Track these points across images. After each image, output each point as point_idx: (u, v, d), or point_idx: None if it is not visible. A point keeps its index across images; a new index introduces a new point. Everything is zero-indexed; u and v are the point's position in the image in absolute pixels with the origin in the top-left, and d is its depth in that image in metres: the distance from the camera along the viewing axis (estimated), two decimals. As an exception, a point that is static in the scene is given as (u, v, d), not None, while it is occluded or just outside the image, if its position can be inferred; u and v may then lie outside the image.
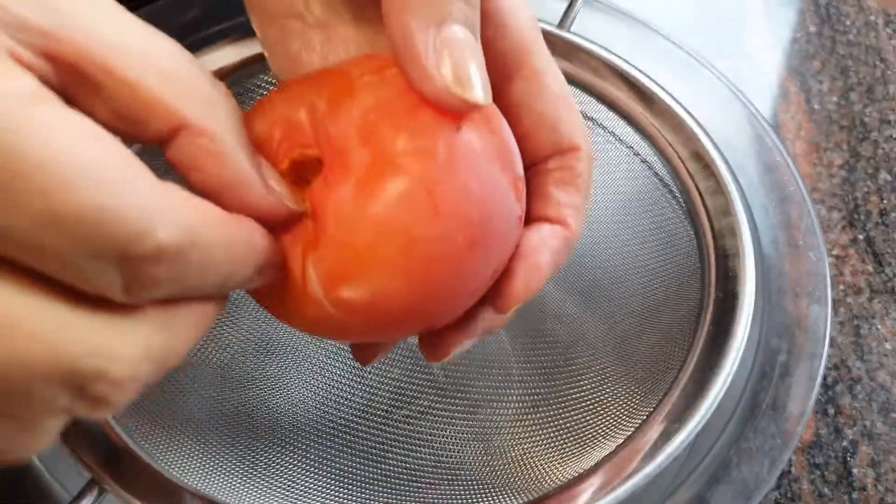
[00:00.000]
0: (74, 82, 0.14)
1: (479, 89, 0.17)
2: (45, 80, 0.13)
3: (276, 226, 0.17)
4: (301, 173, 0.18)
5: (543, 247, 0.20)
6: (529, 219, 0.20)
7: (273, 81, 0.33)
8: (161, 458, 0.26)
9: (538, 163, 0.20)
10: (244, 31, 0.32)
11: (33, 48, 0.13)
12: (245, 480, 0.28)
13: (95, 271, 0.12)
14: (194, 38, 0.31)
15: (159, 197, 0.13)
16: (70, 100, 0.14)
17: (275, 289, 0.18)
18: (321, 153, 0.18)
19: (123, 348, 0.13)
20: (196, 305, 0.15)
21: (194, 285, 0.14)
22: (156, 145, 0.15)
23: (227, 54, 0.32)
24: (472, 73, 0.17)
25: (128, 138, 0.15)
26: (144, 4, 0.35)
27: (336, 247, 0.17)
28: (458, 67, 0.16)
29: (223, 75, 0.31)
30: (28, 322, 0.12)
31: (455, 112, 0.17)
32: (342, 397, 0.33)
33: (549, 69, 0.20)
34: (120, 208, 0.12)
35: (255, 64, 0.32)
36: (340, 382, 0.34)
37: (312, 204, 0.17)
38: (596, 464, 0.25)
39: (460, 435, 0.32)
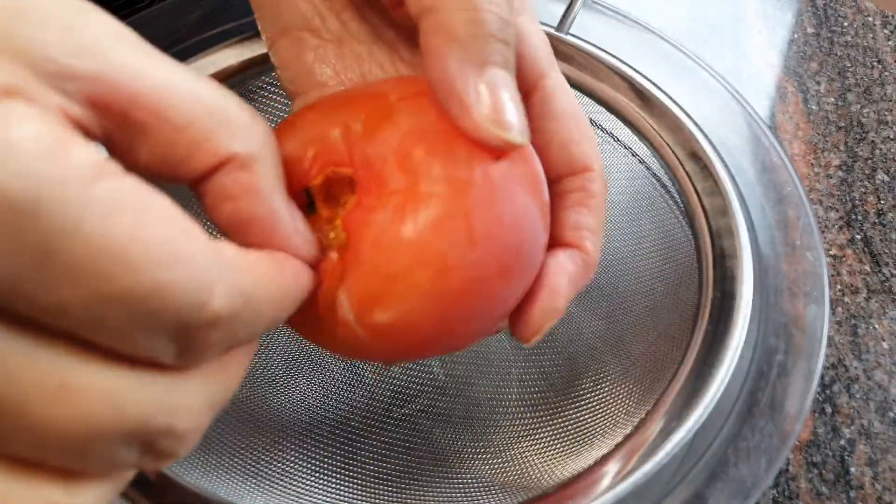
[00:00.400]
0: (118, 127, 0.13)
1: (518, 130, 0.17)
2: (90, 131, 0.13)
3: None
4: (332, 191, 0.18)
5: (561, 272, 0.19)
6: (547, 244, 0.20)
7: (276, 83, 0.33)
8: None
9: (553, 183, 0.20)
10: (247, 33, 0.32)
11: (79, 96, 0.12)
12: (245, 478, 0.28)
13: (149, 342, 0.12)
14: (197, 40, 0.31)
15: (214, 262, 0.13)
16: (112, 145, 0.13)
17: (303, 311, 0.17)
18: (355, 174, 0.17)
19: (186, 402, 0.13)
20: (242, 347, 0.15)
21: (244, 338, 0.14)
22: (185, 183, 0.15)
23: (230, 55, 0.31)
24: (512, 115, 0.17)
25: (163, 179, 0.14)
26: (148, 7, 0.35)
27: (370, 272, 0.16)
28: (498, 109, 0.17)
29: (225, 77, 0.31)
30: (93, 387, 0.12)
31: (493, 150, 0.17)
32: (342, 396, 0.33)
33: (563, 90, 0.20)
34: (178, 282, 0.12)
35: (258, 66, 0.32)
36: (341, 381, 0.34)
37: (346, 226, 0.17)
38: (595, 462, 0.25)
39: (459, 433, 0.33)
